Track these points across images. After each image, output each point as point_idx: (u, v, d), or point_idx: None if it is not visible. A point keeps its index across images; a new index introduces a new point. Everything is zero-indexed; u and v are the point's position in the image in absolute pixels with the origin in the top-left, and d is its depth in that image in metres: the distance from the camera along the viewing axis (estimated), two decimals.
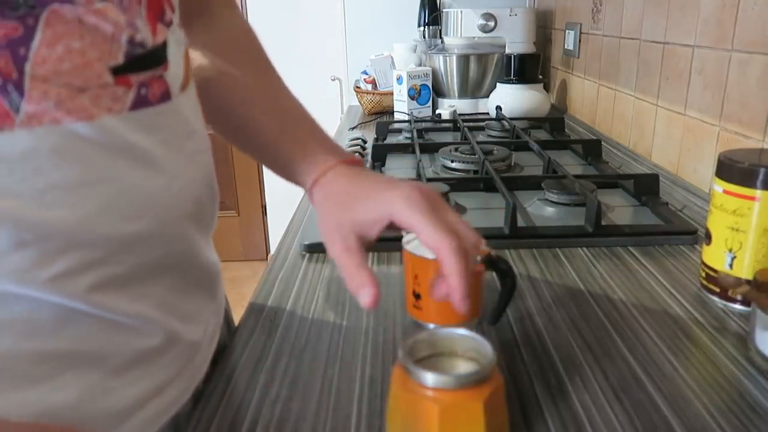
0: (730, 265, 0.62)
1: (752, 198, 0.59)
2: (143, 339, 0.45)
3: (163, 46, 0.44)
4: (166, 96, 0.44)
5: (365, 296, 0.48)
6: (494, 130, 1.44)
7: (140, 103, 0.42)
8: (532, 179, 1.02)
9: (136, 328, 0.44)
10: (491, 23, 1.73)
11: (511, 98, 1.58)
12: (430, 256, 0.57)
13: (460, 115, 1.59)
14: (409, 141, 1.32)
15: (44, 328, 0.39)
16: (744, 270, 0.61)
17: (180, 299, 0.50)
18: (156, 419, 0.47)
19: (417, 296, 0.60)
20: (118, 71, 0.40)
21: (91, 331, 0.41)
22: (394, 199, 0.51)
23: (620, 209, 0.92)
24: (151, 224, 0.44)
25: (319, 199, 0.57)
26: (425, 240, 0.48)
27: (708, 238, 0.64)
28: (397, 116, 1.66)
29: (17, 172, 0.36)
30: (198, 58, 0.62)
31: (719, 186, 0.62)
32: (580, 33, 1.57)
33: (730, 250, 0.62)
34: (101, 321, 0.42)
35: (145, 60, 0.42)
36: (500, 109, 1.58)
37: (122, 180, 0.41)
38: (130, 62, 0.40)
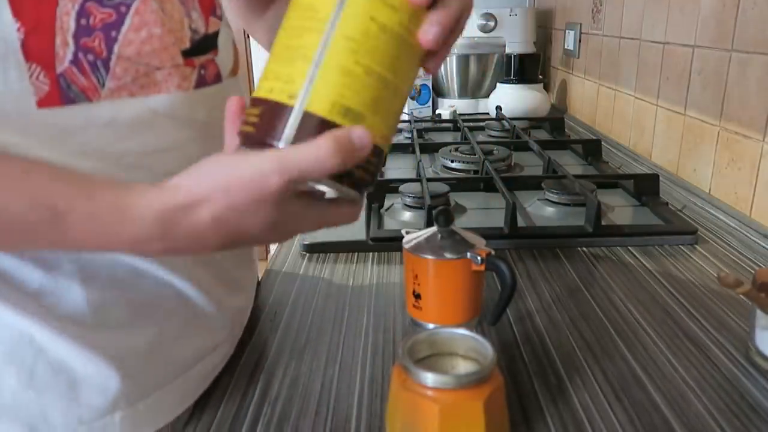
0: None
1: None
2: (198, 304, 0.51)
3: (215, 35, 0.50)
4: (218, 78, 0.51)
5: None
6: (494, 130, 1.44)
7: (201, 82, 0.48)
8: (532, 179, 1.02)
9: (191, 295, 0.50)
10: (491, 23, 1.72)
11: (511, 98, 1.58)
12: (430, 256, 0.57)
13: (460, 115, 1.59)
14: (409, 141, 1.32)
15: (123, 281, 0.46)
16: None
17: (231, 267, 0.56)
18: (211, 372, 0.55)
19: (417, 296, 0.60)
20: (186, 54, 0.46)
21: (159, 288, 0.48)
22: None
23: (620, 209, 0.92)
24: None
25: None
26: None
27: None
28: None
29: (101, 139, 0.43)
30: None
31: None
32: (580, 33, 1.57)
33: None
34: (164, 283, 0.48)
35: (202, 45, 0.48)
36: (500, 109, 1.58)
37: (188, 149, 0.47)
38: (194, 47, 0.47)
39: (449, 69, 1.72)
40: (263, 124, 0.37)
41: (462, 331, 0.46)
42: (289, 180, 0.35)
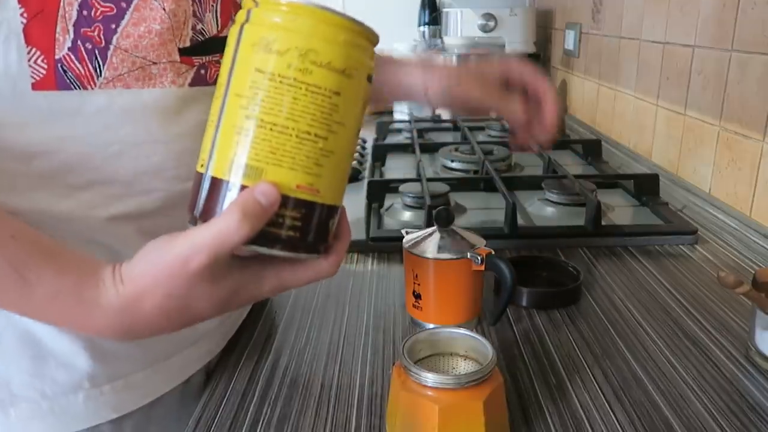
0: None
1: None
2: None
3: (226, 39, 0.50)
4: None
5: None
6: (494, 130, 1.44)
7: (199, 80, 0.49)
8: (532, 179, 1.02)
9: None
10: (491, 23, 1.72)
11: None
12: (430, 256, 0.57)
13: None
14: (409, 141, 1.32)
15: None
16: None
17: None
18: (192, 365, 0.56)
19: (417, 296, 0.60)
20: (184, 52, 0.47)
21: None
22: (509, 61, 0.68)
23: (620, 209, 0.92)
24: None
25: (455, 81, 0.68)
26: (531, 78, 0.65)
27: None
28: (397, 116, 1.66)
29: (91, 125, 0.44)
30: None
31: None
32: (580, 33, 1.57)
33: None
34: None
35: (206, 46, 0.49)
36: None
37: (178, 144, 0.48)
38: (195, 46, 0.48)
39: None
40: (191, 196, 0.38)
41: (462, 331, 0.46)
42: (207, 258, 0.35)
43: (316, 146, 0.35)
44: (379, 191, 0.95)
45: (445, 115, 1.60)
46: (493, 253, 0.57)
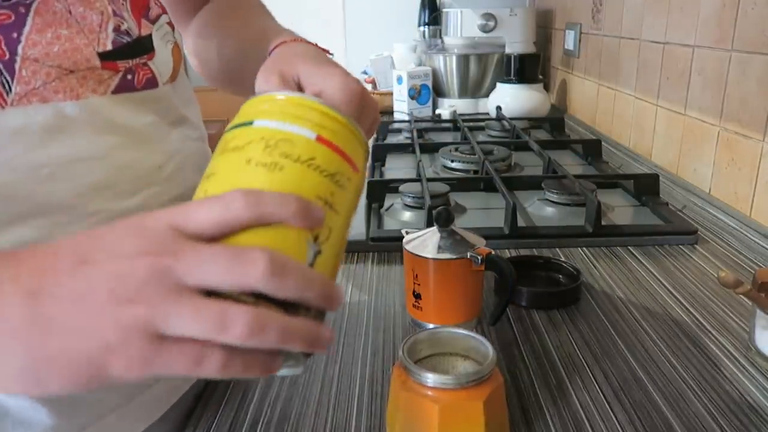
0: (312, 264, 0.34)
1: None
2: None
3: (149, 38, 0.46)
4: (152, 83, 0.46)
5: None
6: (494, 130, 1.44)
7: (125, 87, 0.44)
8: (532, 179, 1.02)
9: None
10: (491, 23, 1.73)
11: (511, 98, 1.58)
12: (430, 256, 0.57)
13: (460, 115, 1.59)
14: (409, 141, 1.32)
15: None
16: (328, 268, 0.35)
17: None
18: (171, 393, 0.53)
19: (417, 296, 0.60)
20: (106, 57, 0.42)
21: None
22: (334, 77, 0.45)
23: (620, 209, 0.92)
24: (147, 201, 0.46)
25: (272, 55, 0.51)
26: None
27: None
28: (397, 116, 1.66)
29: (11, 149, 0.39)
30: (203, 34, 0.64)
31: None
32: (580, 33, 1.57)
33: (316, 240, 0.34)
34: None
35: (132, 48, 0.44)
36: (500, 109, 1.58)
37: (114, 158, 0.43)
38: (118, 49, 0.43)
39: (449, 69, 1.72)
40: None
41: (462, 331, 0.46)
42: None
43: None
44: (379, 191, 0.95)
45: (445, 115, 1.60)
46: (493, 253, 0.57)
